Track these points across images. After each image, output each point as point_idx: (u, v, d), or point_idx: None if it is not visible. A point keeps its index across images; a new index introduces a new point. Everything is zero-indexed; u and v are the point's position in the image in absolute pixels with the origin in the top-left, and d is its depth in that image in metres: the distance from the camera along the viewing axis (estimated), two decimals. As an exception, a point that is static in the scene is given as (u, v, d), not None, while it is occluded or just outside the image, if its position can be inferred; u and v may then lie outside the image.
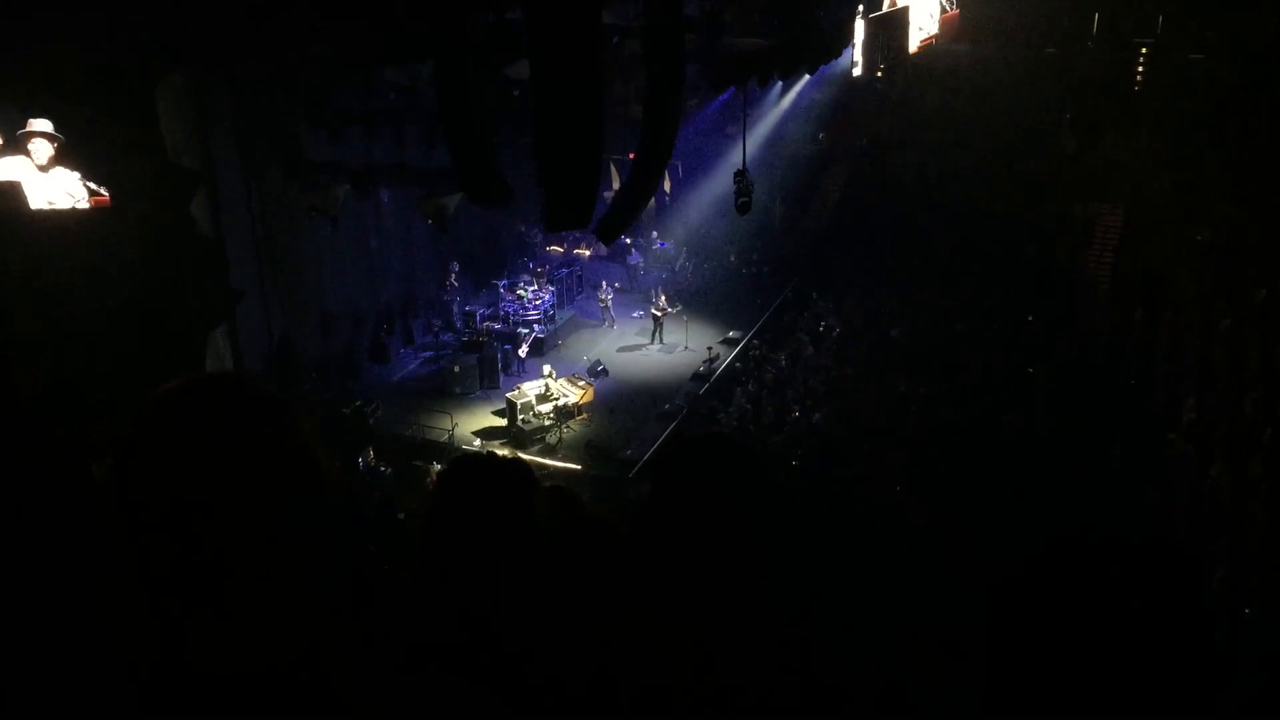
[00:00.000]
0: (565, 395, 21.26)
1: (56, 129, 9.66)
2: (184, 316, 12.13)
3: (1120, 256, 25.36)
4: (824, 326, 24.85)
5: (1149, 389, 20.21)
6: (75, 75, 10.11)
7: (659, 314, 25.25)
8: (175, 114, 15.70)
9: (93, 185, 9.86)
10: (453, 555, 2.37)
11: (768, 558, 2.48)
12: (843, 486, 17.23)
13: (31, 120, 9.54)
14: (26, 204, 9.49)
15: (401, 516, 14.78)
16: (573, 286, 27.96)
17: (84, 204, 9.74)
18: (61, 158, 9.61)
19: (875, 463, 18.19)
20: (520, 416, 20.75)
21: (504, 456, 2.68)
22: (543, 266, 27.78)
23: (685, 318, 25.37)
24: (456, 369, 22.73)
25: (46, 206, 9.41)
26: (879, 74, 29.09)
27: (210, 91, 17.23)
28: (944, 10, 26.67)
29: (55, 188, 9.65)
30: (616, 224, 14.54)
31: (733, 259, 29.59)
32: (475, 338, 24.59)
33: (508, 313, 25.30)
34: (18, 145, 9.53)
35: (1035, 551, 1.60)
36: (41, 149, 9.54)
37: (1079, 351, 22.01)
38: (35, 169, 9.55)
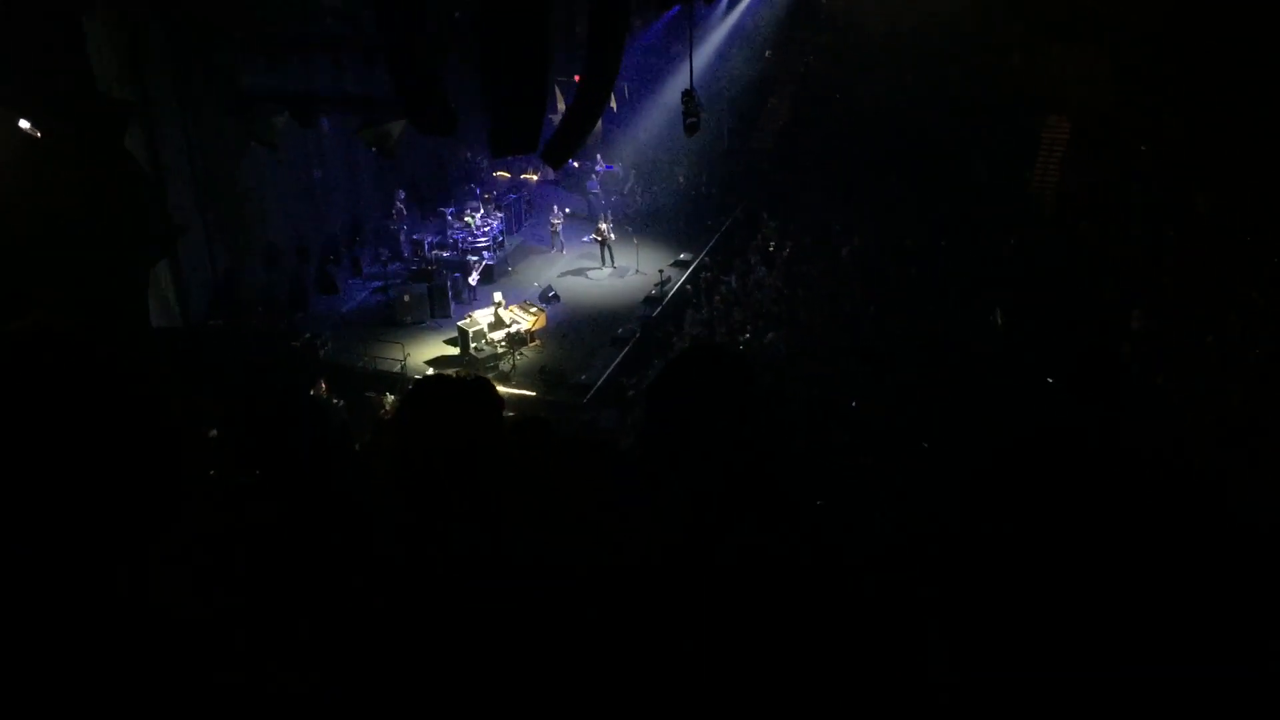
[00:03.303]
0: (517, 322, 21.16)
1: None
2: (124, 254, 11.88)
3: (1065, 170, 25.50)
4: (774, 247, 24.84)
5: (1095, 301, 20.44)
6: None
7: (599, 238, 25.04)
8: (106, 43, 15.27)
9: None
10: (422, 473, 2.36)
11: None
12: (800, 404, 17.37)
13: None
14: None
15: (356, 447, 14.70)
16: (521, 212, 27.69)
17: None
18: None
19: (829, 380, 18.34)
20: (473, 344, 20.68)
21: (467, 376, 2.66)
22: (490, 193, 27.45)
23: (635, 241, 25.21)
24: (406, 298, 22.52)
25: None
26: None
27: (143, 20, 16.73)
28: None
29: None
30: (563, 147, 14.40)
31: (681, 180, 29.41)
32: (424, 266, 24.34)
33: (456, 240, 25.02)
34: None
35: (1007, 448, 1.56)
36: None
37: (1027, 265, 22.19)
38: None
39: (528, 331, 21.17)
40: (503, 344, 20.71)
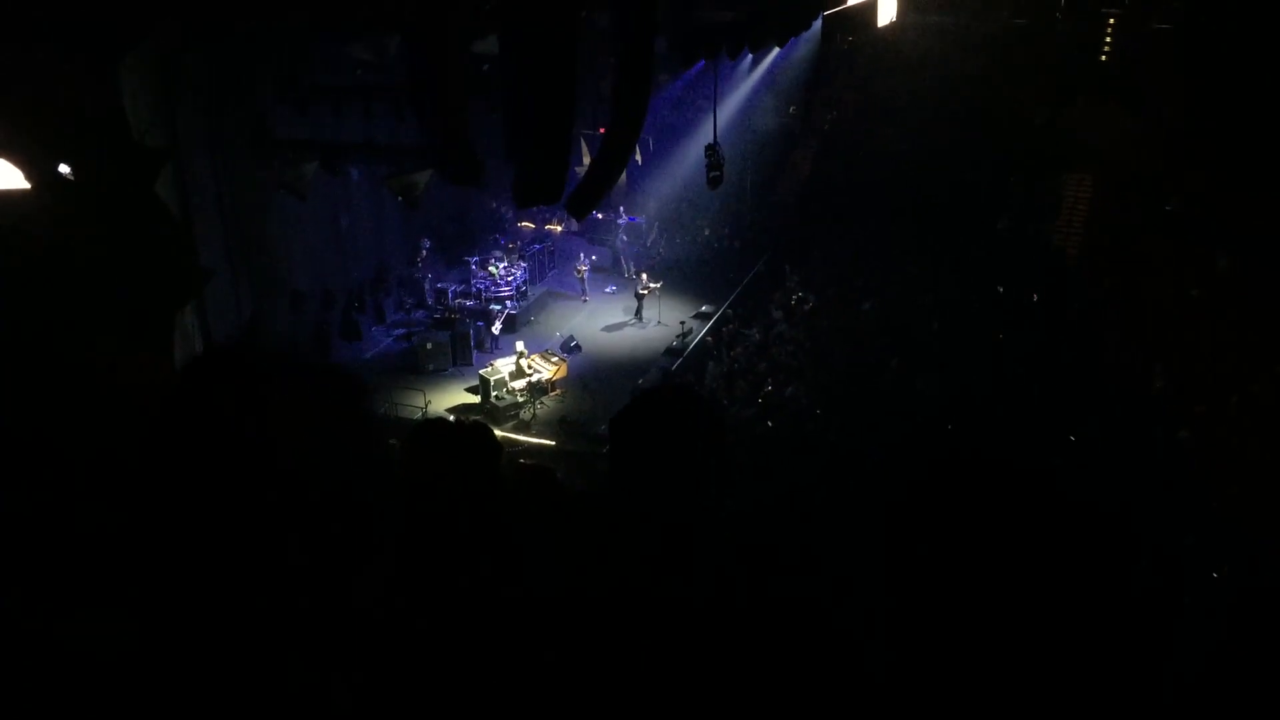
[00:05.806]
0: (538, 371, 21.23)
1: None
2: (151, 296, 12.00)
3: (1088, 227, 25.50)
4: (796, 300, 24.88)
5: (1118, 358, 20.35)
6: (35, 48, 9.91)
7: (644, 292, 25.14)
8: (141, 89, 15.49)
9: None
10: (422, 511, 2.41)
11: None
12: (815, 455, 17.31)
13: None
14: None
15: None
16: (545, 262, 27.89)
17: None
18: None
19: (848, 433, 18.27)
20: (494, 393, 20.72)
21: (466, 420, 2.72)
22: (514, 242, 27.70)
23: (658, 293, 25.34)
24: (429, 346, 22.65)
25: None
26: (845, 45, 29.04)
27: (177, 66, 16.98)
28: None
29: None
30: (587, 199, 14.49)
31: (707, 233, 29.56)
32: (447, 314, 24.50)
33: (480, 289, 25.21)
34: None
35: (918, 476, 1.64)
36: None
37: (1050, 321, 22.13)
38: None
39: (549, 381, 21.23)
40: (523, 393, 20.76)
